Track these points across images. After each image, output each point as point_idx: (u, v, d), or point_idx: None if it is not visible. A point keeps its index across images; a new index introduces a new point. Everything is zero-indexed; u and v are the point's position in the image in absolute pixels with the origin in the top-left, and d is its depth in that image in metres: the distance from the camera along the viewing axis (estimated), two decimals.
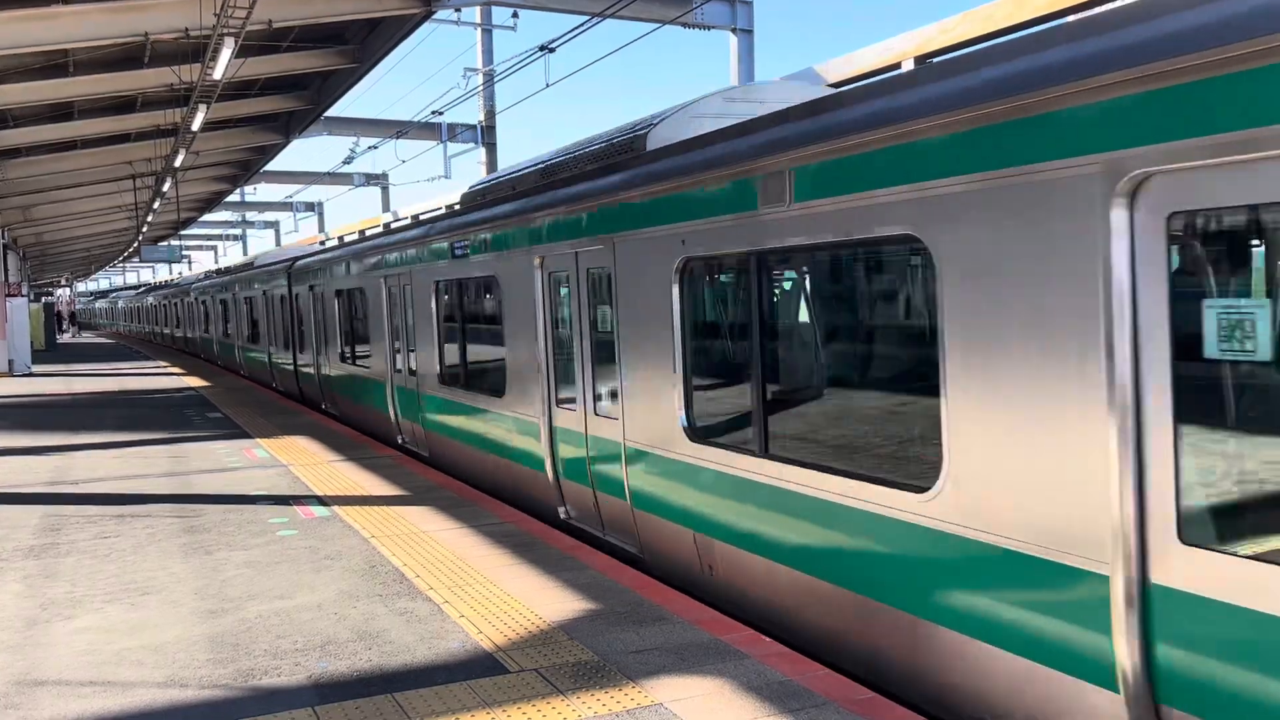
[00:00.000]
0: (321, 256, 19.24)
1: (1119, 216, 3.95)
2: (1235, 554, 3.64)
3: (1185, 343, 3.81)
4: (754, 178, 6.11)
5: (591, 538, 8.93)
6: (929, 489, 5.01)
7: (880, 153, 5.10)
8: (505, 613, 6.51)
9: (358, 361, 16.59)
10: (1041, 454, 4.36)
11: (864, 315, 5.76)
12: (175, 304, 47.75)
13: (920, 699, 5.23)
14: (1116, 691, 4.07)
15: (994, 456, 4.59)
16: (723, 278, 6.96)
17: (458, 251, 11.50)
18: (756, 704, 4.94)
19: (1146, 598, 3.92)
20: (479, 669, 5.55)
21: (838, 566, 5.70)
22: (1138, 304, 3.94)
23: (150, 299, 62.12)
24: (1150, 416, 3.90)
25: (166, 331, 52.83)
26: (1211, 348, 3.73)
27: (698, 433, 7.09)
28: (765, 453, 6.30)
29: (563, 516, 9.30)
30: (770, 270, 6.37)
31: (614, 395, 8.16)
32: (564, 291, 9.06)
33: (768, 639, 5.85)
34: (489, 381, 10.92)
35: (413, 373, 13.53)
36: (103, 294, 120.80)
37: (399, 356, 14.26)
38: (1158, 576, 3.88)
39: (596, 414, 8.45)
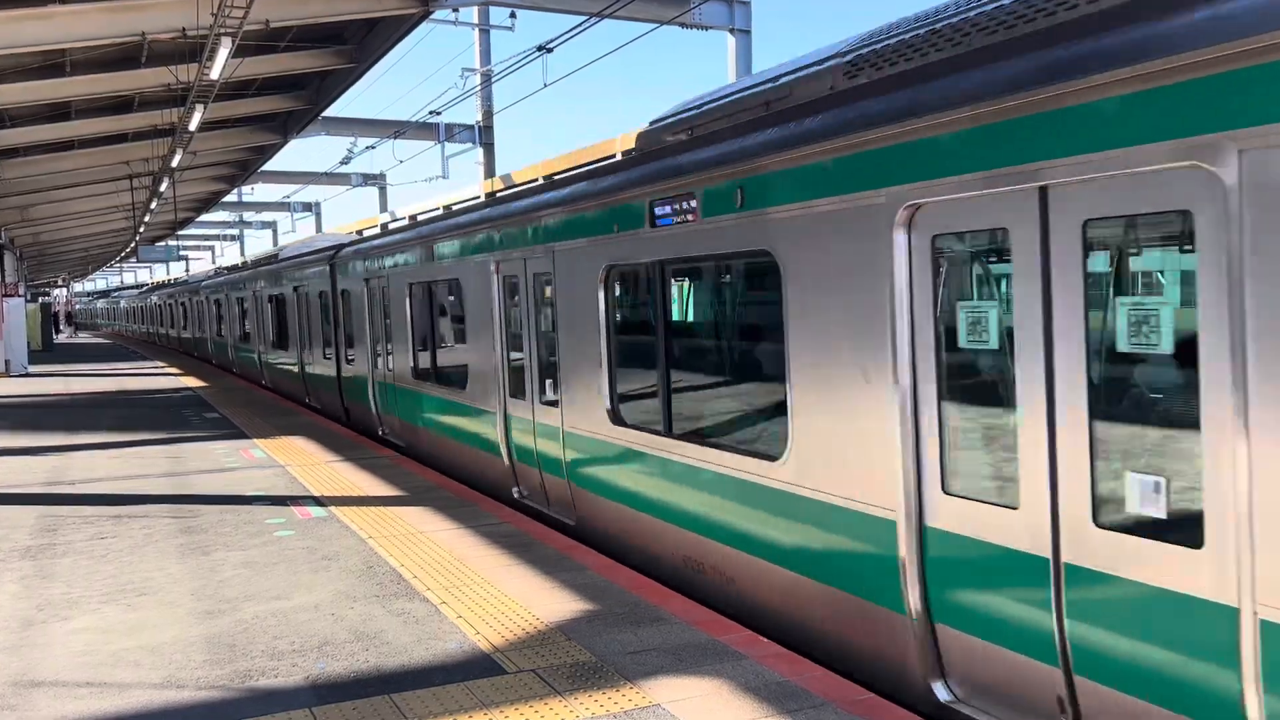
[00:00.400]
0: (384, 240, 15.07)
1: None
2: None
3: None
4: None
5: None
6: None
7: None
8: (503, 613, 6.50)
9: (443, 379, 12.38)
10: None
11: None
12: (184, 304, 42.51)
13: None
14: None
15: None
16: None
17: (661, 216, 7.08)
18: (755, 705, 4.93)
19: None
20: (476, 670, 5.54)
21: None
22: None
23: (154, 298, 56.33)
24: None
25: (173, 334, 47.82)
26: None
27: None
28: None
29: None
30: None
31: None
32: (997, 274, 4.81)
33: (765, 640, 5.84)
34: (737, 430, 6.65)
35: (550, 400, 9.28)
36: (104, 294, 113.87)
37: (525, 375, 9.86)
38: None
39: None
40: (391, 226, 24.45)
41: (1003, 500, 4.68)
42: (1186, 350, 3.87)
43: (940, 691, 5.11)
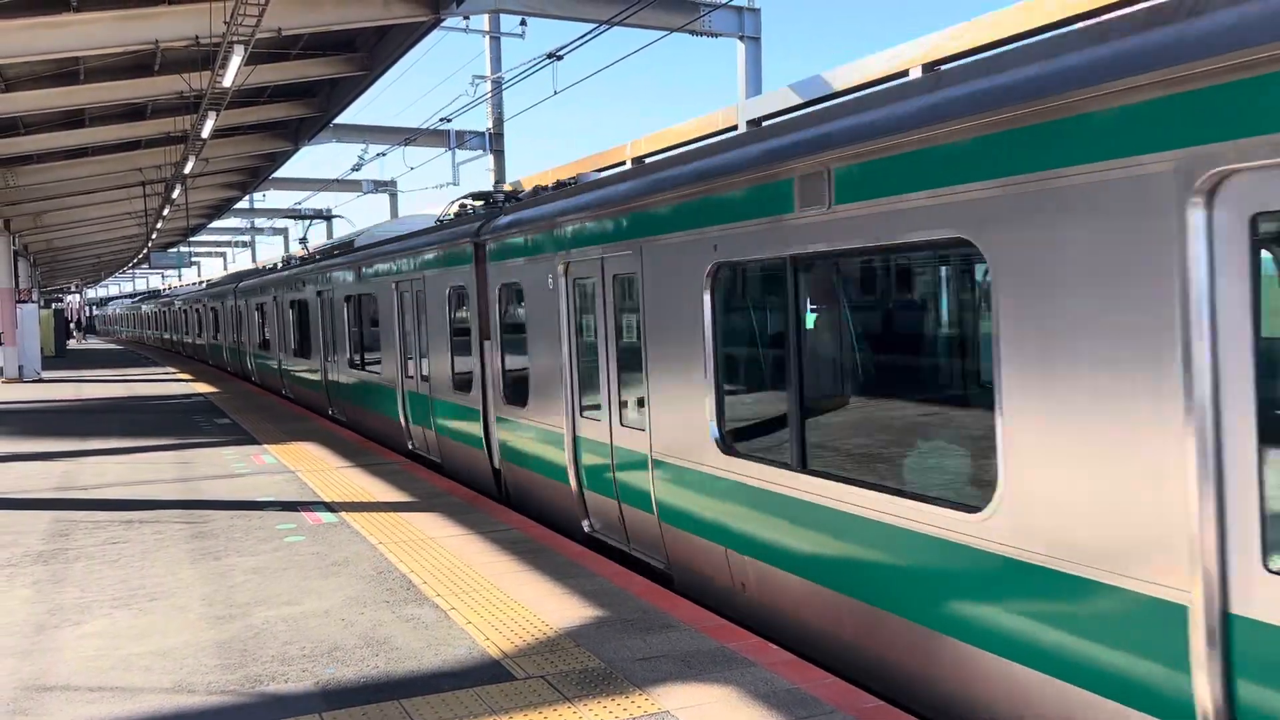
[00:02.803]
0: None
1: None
2: None
3: None
4: None
5: None
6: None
7: None
8: (512, 619, 6.51)
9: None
10: None
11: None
12: (310, 304, 20.87)
13: None
14: None
15: None
16: None
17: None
18: (764, 712, 4.93)
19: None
20: (486, 676, 5.55)
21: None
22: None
23: (236, 297, 30.36)
24: None
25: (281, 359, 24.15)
26: None
27: None
28: None
29: None
30: None
31: None
32: None
33: (774, 646, 5.83)
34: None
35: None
36: (152, 294, 76.15)
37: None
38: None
39: None
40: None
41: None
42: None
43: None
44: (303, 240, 23.78)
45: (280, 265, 28.76)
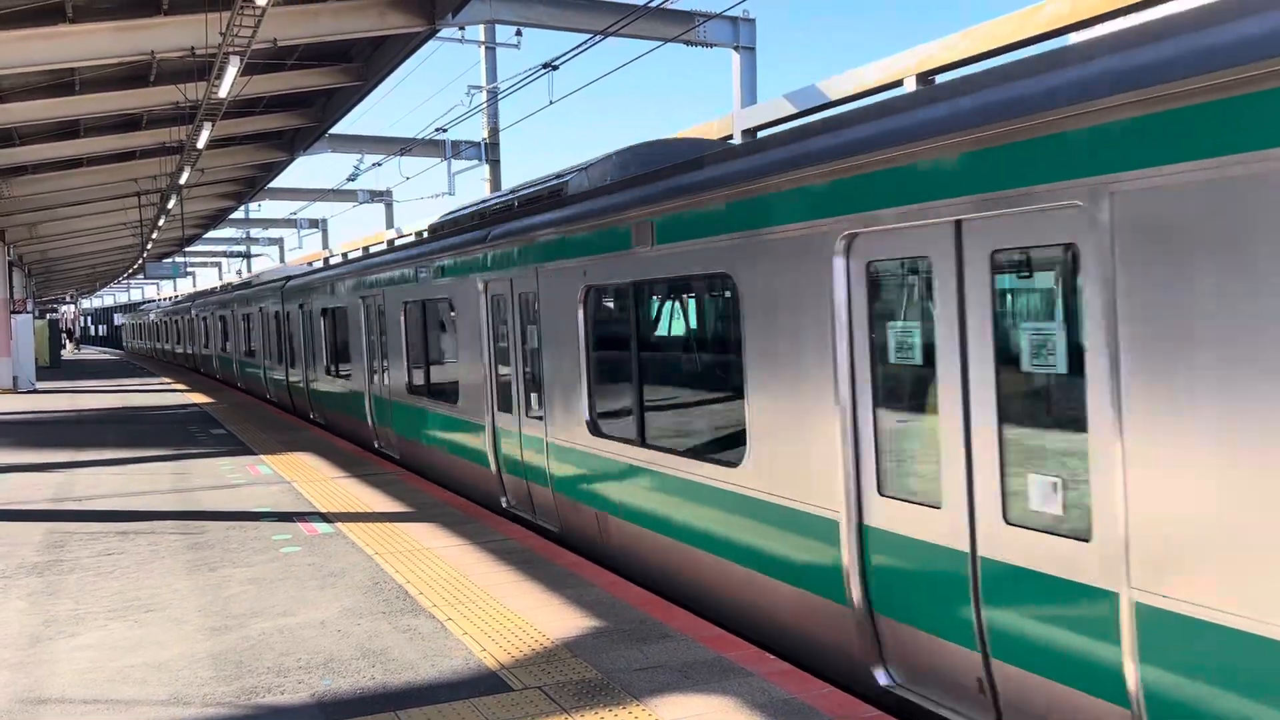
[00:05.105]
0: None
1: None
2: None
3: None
4: None
5: None
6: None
7: None
8: (508, 630, 6.49)
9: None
10: None
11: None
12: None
13: None
14: None
15: None
16: None
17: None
18: None
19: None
20: (482, 687, 5.53)
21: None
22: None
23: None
24: None
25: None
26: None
27: None
28: None
29: None
30: None
31: None
32: None
33: (772, 656, 5.82)
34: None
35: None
36: (205, 294, 44.58)
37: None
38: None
39: None
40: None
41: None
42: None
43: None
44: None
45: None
